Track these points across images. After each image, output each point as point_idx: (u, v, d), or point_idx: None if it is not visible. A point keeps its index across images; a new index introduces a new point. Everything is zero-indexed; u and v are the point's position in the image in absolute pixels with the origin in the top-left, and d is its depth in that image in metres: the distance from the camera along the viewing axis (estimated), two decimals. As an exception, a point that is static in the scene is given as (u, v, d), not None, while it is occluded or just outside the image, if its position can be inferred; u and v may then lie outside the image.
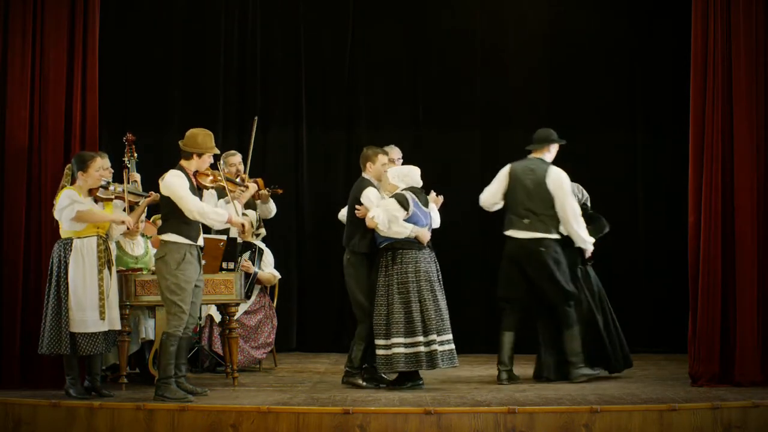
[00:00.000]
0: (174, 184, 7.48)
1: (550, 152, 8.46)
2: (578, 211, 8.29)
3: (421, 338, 7.83)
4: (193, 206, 7.46)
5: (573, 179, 8.45)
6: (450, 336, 7.97)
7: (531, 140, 8.56)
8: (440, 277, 8.06)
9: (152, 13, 10.62)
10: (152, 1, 10.65)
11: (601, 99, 10.53)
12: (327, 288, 10.37)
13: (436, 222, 8.37)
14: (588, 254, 8.40)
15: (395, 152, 8.98)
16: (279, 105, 10.78)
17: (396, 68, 10.74)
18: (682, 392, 7.61)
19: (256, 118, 8.58)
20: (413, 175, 8.09)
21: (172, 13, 10.67)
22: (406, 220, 7.93)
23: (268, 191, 9.11)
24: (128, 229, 7.95)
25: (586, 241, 8.32)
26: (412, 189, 8.03)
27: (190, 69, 10.68)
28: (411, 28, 10.72)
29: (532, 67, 10.68)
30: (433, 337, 7.84)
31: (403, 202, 7.94)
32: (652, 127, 10.50)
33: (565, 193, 8.26)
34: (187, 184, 7.51)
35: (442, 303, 7.98)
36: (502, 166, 8.49)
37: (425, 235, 7.98)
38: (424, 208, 8.03)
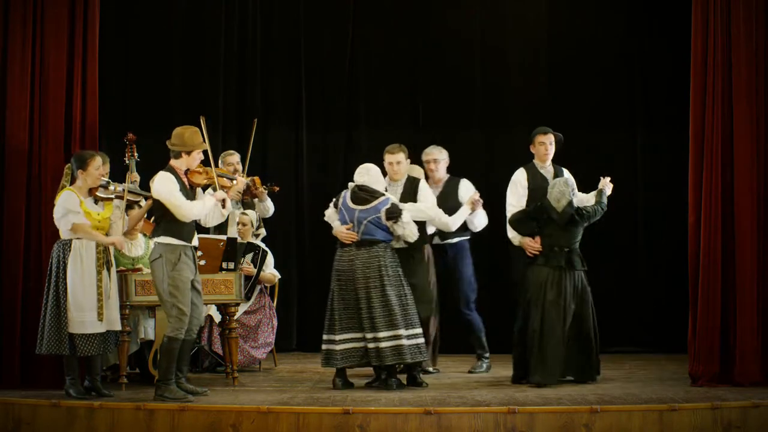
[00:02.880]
0: (163, 190, 7.41)
1: (534, 153, 8.52)
2: (509, 210, 8.33)
3: (324, 336, 7.98)
4: (185, 212, 7.40)
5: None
6: (358, 335, 7.90)
7: (530, 140, 8.60)
8: (380, 274, 7.93)
9: (152, 13, 10.61)
10: (152, 2, 10.65)
11: (601, 99, 10.51)
12: (327, 288, 10.32)
13: (452, 223, 8.45)
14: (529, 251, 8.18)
15: (432, 153, 8.94)
16: (279, 105, 10.77)
17: (396, 68, 10.73)
18: (682, 392, 7.61)
19: (255, 120, 8.58)
20: (357, 173, 8.09)
21: (172, 14, 10.66)
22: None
23: (265, 189, 9.09)
24: (119, 249, 7.93)
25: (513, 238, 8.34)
26: (354, 187, 8.04)
27: (190, 69, 10.67)
28: (411, 28, 10.71)
29: (532, 67, 10.66)
30: (332, 336, 7.93)
31: (335, 202, 8.09)
32: (652, 127, 10.49)
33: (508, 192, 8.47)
34: (176, 186, 7.43)
35: (359, 303, 7.95)
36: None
37: (339, 233, 8.01)
38: (352, 205, 7.99)
